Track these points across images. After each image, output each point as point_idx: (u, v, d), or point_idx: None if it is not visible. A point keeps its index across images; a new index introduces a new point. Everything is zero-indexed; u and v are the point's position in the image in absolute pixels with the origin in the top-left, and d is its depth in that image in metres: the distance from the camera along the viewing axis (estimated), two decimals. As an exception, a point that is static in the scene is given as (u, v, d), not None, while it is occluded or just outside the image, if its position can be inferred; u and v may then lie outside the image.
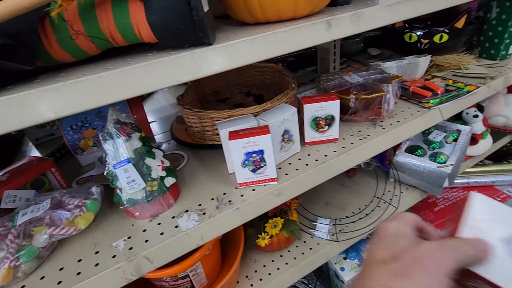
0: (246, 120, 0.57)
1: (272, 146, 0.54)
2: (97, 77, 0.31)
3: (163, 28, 0.34)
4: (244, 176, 0.54)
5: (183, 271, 0.57)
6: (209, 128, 0.65)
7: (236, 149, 0.51)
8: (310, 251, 0.73)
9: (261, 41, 0.39)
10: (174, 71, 0.35)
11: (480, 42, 0.99)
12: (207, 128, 0.66)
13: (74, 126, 0.68)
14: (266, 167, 0.53)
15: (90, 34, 0.33)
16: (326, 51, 1.01)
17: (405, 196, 0.84)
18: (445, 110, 0.74)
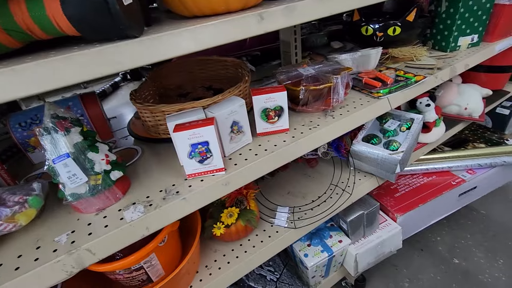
0: (194, 113, 0.58)
1: (219, 137, 0.56)
2: (10, 70, 0.31)
3: (81, 21, 0.34)
4: (192, 167, 0.55)
5: (136, 263, 0.58)
6: (162, 122, 0.66)
7: (181, 141, 0.52)
8: (269, 239, 0.76)
9: (188, 35, 0.40)
10: (96, 63, 0.36)
11: (433, 35, 1.04)
12: (160, 122, 0.66)
13: (23, 123, 0.67)
14: (213, 158, 0.55)
15: (5, 27, 0.33)
16: (287, 44, 1.03)
17: (362, 183, 0.88)
18: (393, 100, 0.77)
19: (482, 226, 1.45)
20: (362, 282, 1.19)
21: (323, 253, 0.93)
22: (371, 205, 0.96)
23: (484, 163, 1.18)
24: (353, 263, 0.98)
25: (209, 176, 0.56)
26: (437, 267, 1.31)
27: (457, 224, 1.48)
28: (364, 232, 1.00)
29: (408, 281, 1.27)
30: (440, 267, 1.30)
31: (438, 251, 1.38)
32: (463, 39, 0.99)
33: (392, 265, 1.32)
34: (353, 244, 0.98)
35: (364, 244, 0.99)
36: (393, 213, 1.06)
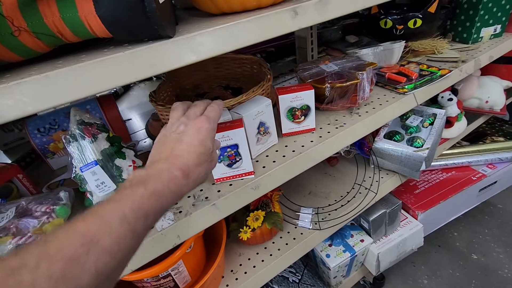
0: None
1: (247, 139, 0.54)
2: (44, 76, 0.29)
3: (114, 21, 0.32)
4: (220, 171, 0.53)
5: (164, 271, 0.56)
6: (184, 124, 0.64)
7: None
8: (294, 241, 0.74)
9: (223, 33, 0.38)
10: (130, 67, 0.33)
11: (454, 26, 1.01)
12: (182, 124, 0.64)
13: (42, 128, 0.65)
14: (242, 161, 0.53)
15: (34, 30, 0.31)
16: (303, 40, 1.00)
17: (385, 181, 0.86)
18: (419, 95, 0.75)
19: (500, 220, 1.43)
20: (381, 280, 1.17)
21: (345, 253, 0.92)
22: (393, 203, 0.94)
23: (505, 157, 1.15)
24: (375, 263, 0.96)
25: (237, 180, 0.54)
26: (456, 263, 1.29)
27: (474, 219, 1.45)
28: (386, 230, 0.98)
29: (427, 278, 1.25)
30: (459, 263, 1.29)
31: (456, 247, 1.35)
32: (486, 30, 0.96)
33: (409, 262, 1.30)
34: (374, 243, 0.96)
35: (385, 243, 0.97)
36: (414, 211, 1.03)
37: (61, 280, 0.20)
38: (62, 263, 0.20)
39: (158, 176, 0.29)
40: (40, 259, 0.20)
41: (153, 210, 0.27)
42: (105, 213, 0.24)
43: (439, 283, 1.22)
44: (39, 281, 0.19)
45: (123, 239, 0.24)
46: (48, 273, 0.20)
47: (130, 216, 0.25)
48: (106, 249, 0.22)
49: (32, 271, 0.19)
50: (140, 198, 0.26)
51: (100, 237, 0.22)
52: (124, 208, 0.25)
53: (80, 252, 0.21)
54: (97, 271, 0.22)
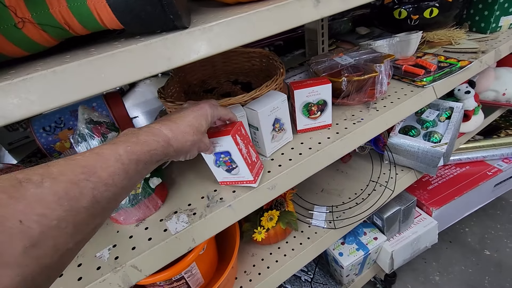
0: (234, 110, 0.53)
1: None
2: (51, 72, 0.26)
3: (126, 11, 0.29)
4: (222, 175, 0.50)
5: (177, 274, 0.54)
6: (194, 121, 0.61)
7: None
8: (308, 240, 0.72)
9: (242, 22, 0.35)
10: (143, 61, 0.31)
11: (470, 16, 0.97)
12: (192, 121, 0.61)
13: (47, 127, 0.62)
14: (239, 169, 0.48)
15: (39, 21, 0.28)
16: (313, 32, 0.96)
17: (400, 177, 0.83)
18: (438, 88, 0.71)
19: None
20: (393, 277, 1.15)
21: (359, 251, 0.89)
22: (408, 200, 0.91)
23: (521, 151, 1.11)
24: (389, 261, 0.94)
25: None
26: (468, 259, 1.26)
27: (485, 214, 1.43)
28: (400, 228, 0.95)
29: (438, 274, 1.23)
30: (471, 259, 1.26)
31: (468, 243, 1.33)
32: (505, 19, 0.91)
33: (420, 258, 1.28)
34: (388, 241, 0.94)
35: (399, 240, 0.94)
36: (428, 207, 1.01)
37: (64, 198, 0.21)
38: (64, 184, 0.22)
39: (150, 131, 0.32)
40: (44, 177, 0.21)
41: (144, 158, 0.29)
42: (102, 152, 0.26)
43: (451, 280, 1.20)
44: (45, 195, 0.21)
45: (117, 176, 0.26)
46: (52, 189, 0.21)
47: (124, 157, 0.27)
48: (102, 180, 0.25)
49: (38, 185, 0.21)
50: (132, 144, 0.29)
51: (97, 169, 0.25)
52: (119, 149, 0.27)
53: (80, 178, 0.23)
54: (94, 197, 0.24)
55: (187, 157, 0.38)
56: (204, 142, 0.39)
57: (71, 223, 0.22)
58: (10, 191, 0.19)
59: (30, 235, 0.19)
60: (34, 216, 0.20)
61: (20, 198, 0.20)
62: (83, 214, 0.23)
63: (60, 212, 0.21)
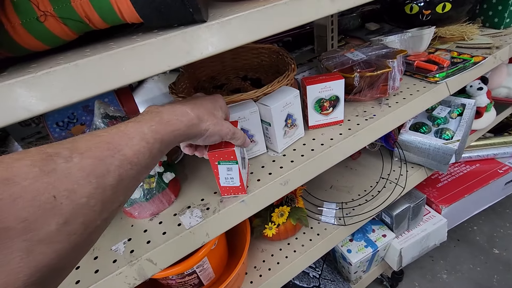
0: (246, 106, 0.53)
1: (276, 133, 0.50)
2: (73, 65, 0.26)
3: (146, 4, 0.29)
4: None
5: (189, 268, 0.55)
6: (205, 117, 0.61)
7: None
8: (318, 236, 0.72)
9: (260, 16, 0.34)
10: (163, 54, 0.31)
11: (483, 11, 0.95)
12: (204, 117, 0.61)
13: (61, 122, 0.63)
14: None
15: (61, 15, 0.28)
16: (323, 28, 0.95)
17: (411, 174, 0.82)
18: (452, 84, 0.70)
19: (522, 214, 1.38)
20: (400, 275, 1.15)
21: (367, 248, 0.89)
22: (418, 198, 0.90)
23: (533, 149, 1.10)
24: (397, 258, 0.94)
25: (266, 175, 0.52)
26: (476, 257, 1.25)
27: (494, 212, 1.41)
28: (408, 225, 0.95)
29: (446, 273, 1.22)
30: (479, 257, 1.25)
31: (476, 241, 1.32)
32: (520, 13, 0.90)
33: (428, 256, 1.27)
34: (396, 238, 0.94)
35: (408, 238, 0.94)
36: (438, 205, 1.00)
37: (92, 175, 0.21)
38: (91, 159, 0.21)
39: (173, 110, 0.31)
40: (73, 152, 0.21)
41: (167, 137, 0.29)
42: (127, 129, 0.26)
43: (459, 278, 1.19)
44: (73, 170, 0.20)
45: (142, 154, 0.25)
46: (80, 165, 0.21)
47: (148, 136, 0.27)
48: (127, 158, 0.24)
49: (66, 159, 0.20)
50: (157, 123, 0.28)
51: (123, 147, 0.24)
52: (144, 128, 0.27)
53: (106, 155, 0.23)
54: (120, 175, 0.23)
55: (206, 140, 0.37)
56: (227, 127, 0.38)
57: (99, 200, 0.21)
58: (41, 165, 0.19)
59: (62, 211, 0.19)
60: (65, 191, 0.19)
61: (52, 173, 0.19)
62: (109, 192, 0.22)
63: (89, 189, 0.21)
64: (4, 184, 0.17)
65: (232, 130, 0.39)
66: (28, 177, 0.18)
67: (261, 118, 0.54)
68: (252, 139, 0.55)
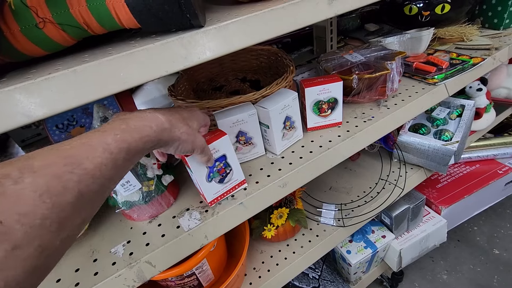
0: (244, 108, 0.53)
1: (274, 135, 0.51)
2: (72, 72, 0.27)
3: (144, 10, 0.29)
4: (213, 191, 0.47)
5: (188, 270, 0.55)
6: (204, 119, 0.61)
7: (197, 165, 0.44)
8: (317, 238, 0.72)
9: (257, 20, 0.35)
10: (160, 60, 0.31)
11: (483, 11, 0.95)
12: (203, 119, 0.62)
13: (60, 125, 0.63)
14: (233, 172, 0.48)
15: (59, 21, 0.29)
16: (322, 29, 0.96)
17: (410, 176, 0.82)
18: (450, 85, 0.70)
19: (523, 215, 1.38)
20: (400, 275, 1.15)
21: (367, 249, 0.89)
22: (417, 199, 0.90)
23: (533, 150, 1.09)
24: (397, 259, 0.94)
25: (264, 178, 0.52)
26: (476, 258, 1.25)
27: (494, 213, 1.41)
28: (408, 226, 0.95)
29: (446, 273, 1.22)
30: (480, 258, 1.25)
31: (476, 242, 1.32)
32: (519, 14, 0.89)
33: (428, 257, 1.28)
34: (396, 239, 0.94)
35: (408, 238, 0.94)
36: (437, 206, 1.00)
37: (46, 195, 0.20)
38: (46, 178, 0.20)
39: (141, 117, 0.30)
40: (24, 172, 0.20)
41: (135, 145, 0.27)
42: (90, 141, 0.25)
43: (459, 279, 1.19)
44: (25, 192, 0.19)
45: (105, 166, 0.24)
46: (33, 185, 0.20)
47: (112, 146, 0.25)
48: (88, 173, 0.23)
49: (16, 181, 0.19)
50: (122, 131, 0.27)
51: (83, 160, 0.23)
52: (108, 138, 0.26)
53: (64, 171, 0.21)
54: (79, 191, 0.22)
55: (178, 149, 0.35)
56: (200, 140, 0.37)
57: (55, 220, 0.20)
58: None
59: (13, 236, 0.18)
60: (15, 215, 0.18)
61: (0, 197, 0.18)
62: (68, 210, 0.21)
63: (43, 210, 0.19)
64: None
65: (203, 145, 0.38)
66: None
67: (259, 120, 0.54)
68: (251, 141, 0.55)
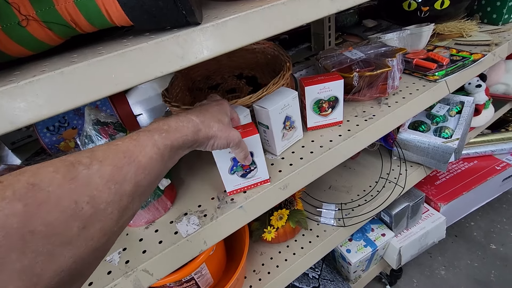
0: (238, 110, 0.51)
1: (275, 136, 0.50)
2: (59, 73, 0.25)
3: (136, 6, 0.27)
4: (233, 183, 0.47)
5: (187, 275, 0.54)
6: (201, 119, 0.59)
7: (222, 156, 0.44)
8: (317, 238, 0.71)
9: (257, 17, 0.33)
10: (155, 59, 0.29)
11: (482, 7, 0.94)
12: (200, 119, 0.59)
13: (51, 127, 0.61)
14: (257, 170, 0.47)
15: (44, 19, 0.26)
16: (320, 25, 0.94)
17: (410, 173, 0.82)
18: (451, 82, 0.69)
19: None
20: (399, 272, 1.15)
21: (367, 248, 0.89)
22: (417, 196, 0.90)
23: (530, 145, 1.10)
24: (396, 256, 0.94)
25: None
26: (474, 253, 1.26)
27: (491, 208, 1.42)
28: (407, 223, 0.94)
29: (444, 269, 1.23)
30: (477, 253, 1.26)
31: (473, 237, 1.33)
32: (518, 9, 0.89)
33: (426, 253, 1.28)
34: (395, 237, 0.94)
35: (407, 236, 0.94)
36: (436, 203, 1.00)
37: (111, 182, 0.22)
38: (110, 167, 0.22)
39: (179, 119, 0.33)
40: (92, 160, 0.22)
41: (177, 143, 0.30)
42: (139, 138, 0.27)
43: (457, 274, 1.20)
44: (94, 177, 0.21)
45: (154, 161, 0.27)
46: (100, 172, 0.22)
47: (159, 143, 0.28)
48: (142, 165, 0.25)
49: (87, 167, 0.21)
50: (166, 131, 0.30)
51: (137, 155, 0.25)
52: (154, 135, 0.28)
53: (124, 162, 0.24)
54: (136, 183, 0.24)
55: (214, 145, 0.37)
56: (234, 134, 0.38)
57: (116, 207, 0.22)
58: (64, 172, 0.20)
59: (83, 216, 0.20)
60: (86, 197, 0.20)
61: (74, 179, 0.20)
62: (126, 199, 0.23)
63: (107, 195, 0.21)
64: (29, 190, 0.18)
65: (238, 138, 0.39)
66: (52, 183, 0.19)
67: (258, 120, 0.53)
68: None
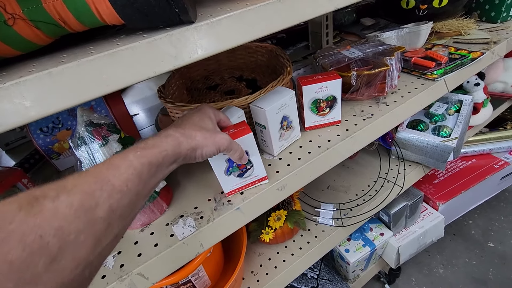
0: (231, 110, 0.50)
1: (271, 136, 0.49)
2: (47, 74, 0.24)
3: (127, 4, 0.26)
4: (231, 184, 0.47)
5: (184, 278, 0.53)
6: (198, 119, 0.58)
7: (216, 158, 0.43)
8: (316, 239, 0.70)
9: (253, 15, 0.32)
10: (148, 59, 0.28)
11: (480, 4, 0.93)
12: (196, 120, 0.59)
13: (45, 128, 0.60)
14: (254, 168, 0.47)
15: (32, 17, 0.25)
16: (318, 24, 0.93)
17: (408, 173, 0.81)
18: (450, 81, 0.69)
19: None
20: (397, 271, 1.15)
21: (365, 247, 0.89)
22: (415, 196, 0.90)
23: (528, 144, 1.10)
24: (395, 256, 0.94)
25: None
26: (472, 251, 1.26)
27: (489, 206, 1.42)
28: (406, 223, 0.94)
29: (442, 267, 1.23)
30: (475, 251, 1.26)
31: (472, 235, 1.33)
32: (516, 7, 0.88)
33: (424, 251, 1.28)
34: (394, 236, 0.93)
35: (406, 235, 0.93)
36: (434, 201, 1.00)
37: (80, 210, 0.22)
38: (79, 195, 0.22)
39: (156, 136, 0.32)
40: (59, 191, 0.22)
41: (155, 160, 0.29)
42: (113, 161, 0.27)
43: (455, 272, 1.20)
44: (61, 208, 0.21)
45: (131, 182, 0.26)
46: (67, 202, 0.21)
47: (135, 162, 0.27)
48: (116, 188, 0.25)
49: (53, 199, 0.21)
50: (141, 149, 0.29)
51: (110, 178, 0.25)
52: (129, 156, 0.28)
53: (94, 188, 0.23)
54: (110, 206, 0.24)
55: (203, 155, 0.36)
56: (221, 138, 0.37)
57: (89, 235, 0.22)
58: (28, 208, 0.20)
59: (49, 250, 0.19)
60: (52, 230, 0.20)
61: (38, 214, 0.20)
62: (100, 225, 0.23)
63: (77, 225, 0.21)
64: None
65: (227, 141, 0.37)
66: (14, 220, 0.19)
67: (255, 120, 0.52)
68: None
